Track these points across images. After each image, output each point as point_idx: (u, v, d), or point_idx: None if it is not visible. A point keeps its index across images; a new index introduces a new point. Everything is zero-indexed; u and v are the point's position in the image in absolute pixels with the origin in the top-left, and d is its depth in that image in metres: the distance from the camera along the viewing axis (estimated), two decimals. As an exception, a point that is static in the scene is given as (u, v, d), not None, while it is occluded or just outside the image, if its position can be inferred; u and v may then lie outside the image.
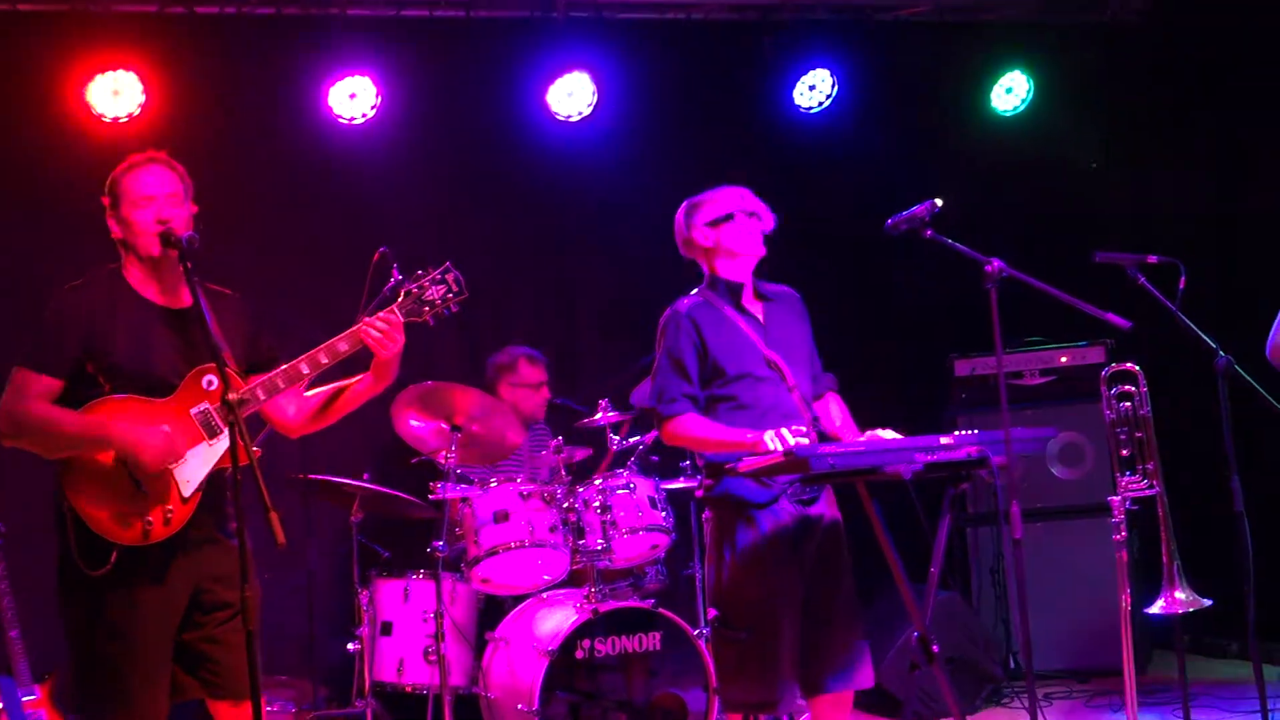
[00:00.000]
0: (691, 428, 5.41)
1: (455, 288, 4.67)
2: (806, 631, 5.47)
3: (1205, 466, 5.91)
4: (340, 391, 4.75)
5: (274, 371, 4.55)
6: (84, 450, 4.41)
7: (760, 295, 5.64)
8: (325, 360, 4.56)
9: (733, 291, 5.54)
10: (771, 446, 5.13)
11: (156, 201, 4.51)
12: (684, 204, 5.67)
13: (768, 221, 5.56)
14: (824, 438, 5.54)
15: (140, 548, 4.41)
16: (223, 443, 4.45)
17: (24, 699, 6.64)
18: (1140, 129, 9.26)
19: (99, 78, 7.50)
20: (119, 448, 4.37)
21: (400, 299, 4.63)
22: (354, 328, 4.56)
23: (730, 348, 5.48)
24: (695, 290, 5.63)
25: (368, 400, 4.76)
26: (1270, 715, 5.64)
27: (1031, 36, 9.19)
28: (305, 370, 4.56)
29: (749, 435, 5.25)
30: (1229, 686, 7.28)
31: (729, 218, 5.49)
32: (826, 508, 5.54)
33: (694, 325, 5.47)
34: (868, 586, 7.10)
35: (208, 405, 4.49)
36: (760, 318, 5.58)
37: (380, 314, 4.56)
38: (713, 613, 5.66)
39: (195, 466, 4.46)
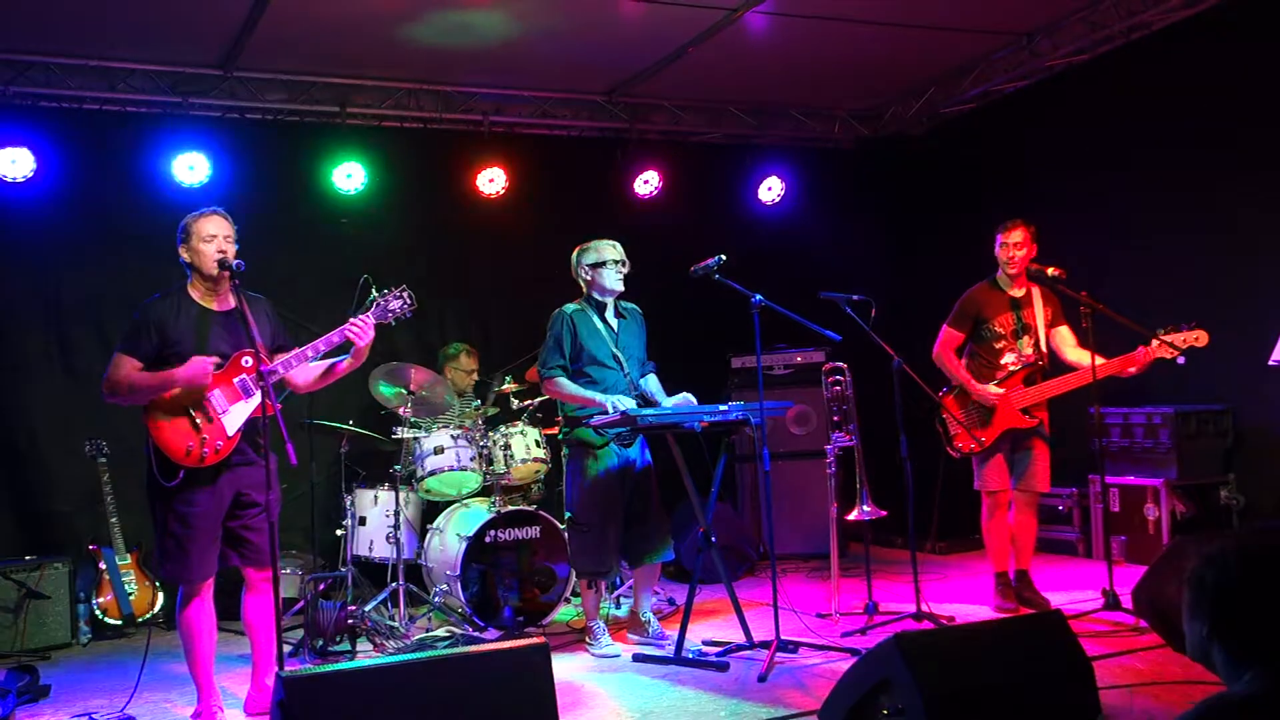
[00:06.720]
0: (560, 386, 5.49)
1: (410, 301, 4.59)
2: (630, 527, 5.53)
3: (885, 428, 5.98)
4: (332, 366, 4.64)
5: (290, 354, 4.44)
6: (158, 392, 4.29)
7: (619, 312, 5.65)
8: (323, 348, 4.45)
9: (599, 307, 5.57)
10: (612, 410, 5.19)
11: (217, 239, 4.39)
12: (577, 247, 5.66)
13: (626, 267, 5.58)
14: (647, 402, 5.58)
15: (200, 468, 4.31)
16: (255, 400, 4.36)
17: (119, 563, 6.52)
18: (849, 212, 9.33)
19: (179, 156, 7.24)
20: (180, 381, 4.26)
21: (373, 308, 4.53)
22: (342, 326, 4.46)
23: (592, 342, 5.51)
24: (577, 300, 5.64)
25: (349, 373, 4.67)
26: (920, 581, 5.75)
27: (784, 154, 9.22)
28: (310, 354, 4.46)
29: (598, 398, 5.31)
30: (895, 564, 7.39)
31: (603, 264, 5.49)
32: (641, 450, 5.64)
33: (572, 322, 5.52)
34: (673, 500, 7.11)
35: (245, 376, 4.39)
36: (614, 327, 5.59)
37: (359, 317, 4.47)
38: (568, 515, 5.67)
39: (237, 416, 4.37)
